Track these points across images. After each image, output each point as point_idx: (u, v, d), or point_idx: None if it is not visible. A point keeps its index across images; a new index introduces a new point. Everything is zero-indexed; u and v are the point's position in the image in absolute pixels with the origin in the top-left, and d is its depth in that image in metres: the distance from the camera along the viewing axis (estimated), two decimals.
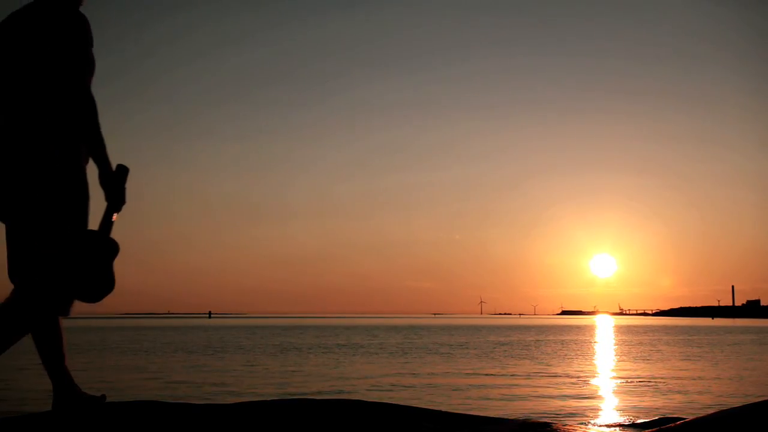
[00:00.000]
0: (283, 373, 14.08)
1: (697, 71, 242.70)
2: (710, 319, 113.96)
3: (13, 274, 2.71)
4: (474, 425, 2.93)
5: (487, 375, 13.77)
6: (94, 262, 2.65)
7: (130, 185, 2.88)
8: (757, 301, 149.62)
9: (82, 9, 2.73)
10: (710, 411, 3.03)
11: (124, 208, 2.80)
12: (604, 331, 48.07)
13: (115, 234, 2.89)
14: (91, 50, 2.64)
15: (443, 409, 3.90)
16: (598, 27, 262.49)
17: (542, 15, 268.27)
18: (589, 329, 51.66)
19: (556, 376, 13.62)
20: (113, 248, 2.72)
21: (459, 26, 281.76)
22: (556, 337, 35.69)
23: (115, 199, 2.72)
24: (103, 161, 2.67)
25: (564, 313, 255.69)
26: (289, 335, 37.52)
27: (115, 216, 2.76)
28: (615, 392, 10.94)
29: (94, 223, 2.80)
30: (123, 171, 2.75)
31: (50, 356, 2.85)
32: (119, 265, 2.92)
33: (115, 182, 2.71)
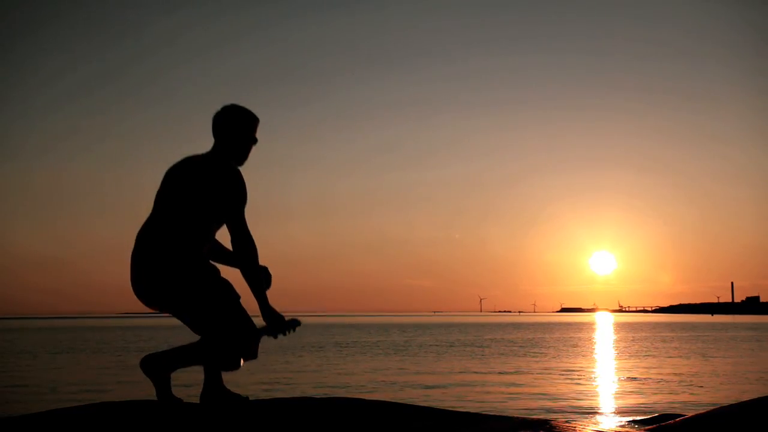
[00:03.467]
0: (281, 372, 14.08)
1: (696, 68, 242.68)
2: (710, 315, 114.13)
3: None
4: (473, 423, 2.92)
5: (485, 372, 13.78)
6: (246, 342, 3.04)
7: (129, 185, 2.93)
8: (757, 298, 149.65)
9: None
10: (710, 408, 3.02)
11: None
12: (604, 328, 48.14)
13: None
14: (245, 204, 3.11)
15: (442, 406, 3.89)
16: (596, 25, 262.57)
17: (541, 13, 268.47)
18: (588, 326, 51.74)
19: (555, 373, 13.63)
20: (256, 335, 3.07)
21: (458, 25, 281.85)
22: (556, 334, 35.72)
23: (274, 330, 3.07)
24: (262, 299, 3.06)
25: (563, 310, 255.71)
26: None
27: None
28: (614, 389, 10.95)
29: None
30: (294, 324, 3.09)
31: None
32: (120, 264, 3.07)
33: (283, 326, 3.07)
